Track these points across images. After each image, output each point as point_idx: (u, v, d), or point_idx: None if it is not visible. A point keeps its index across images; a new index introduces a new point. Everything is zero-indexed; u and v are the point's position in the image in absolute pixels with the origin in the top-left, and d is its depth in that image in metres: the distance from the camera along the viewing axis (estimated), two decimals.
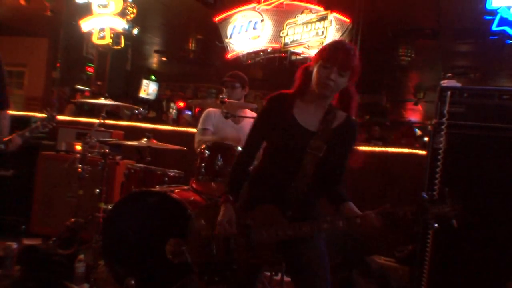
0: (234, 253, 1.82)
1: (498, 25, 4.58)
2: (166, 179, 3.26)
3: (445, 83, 2.85)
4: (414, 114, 13.64)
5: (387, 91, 11.33)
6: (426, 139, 3.63)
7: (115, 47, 6.36)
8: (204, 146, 3.03)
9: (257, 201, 1.83)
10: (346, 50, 1.76)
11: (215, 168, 2.90)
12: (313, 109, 1.84)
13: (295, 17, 5.20)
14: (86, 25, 6.14)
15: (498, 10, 4.57)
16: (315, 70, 1.78)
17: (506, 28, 4.56)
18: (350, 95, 1.85)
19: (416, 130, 11.56)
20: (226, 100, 2.95)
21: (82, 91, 8.68)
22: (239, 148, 2.95)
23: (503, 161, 2.56)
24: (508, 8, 4.55)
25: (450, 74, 8.13)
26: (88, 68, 8.52)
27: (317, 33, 5.01)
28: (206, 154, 2.96)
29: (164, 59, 11.02)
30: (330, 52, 1.76)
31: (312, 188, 1.79)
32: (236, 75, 3.41)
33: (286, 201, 1.78)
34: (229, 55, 5.73)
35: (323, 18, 5.01)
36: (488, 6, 4.62)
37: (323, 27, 4.99)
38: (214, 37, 5.98)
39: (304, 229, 1.72)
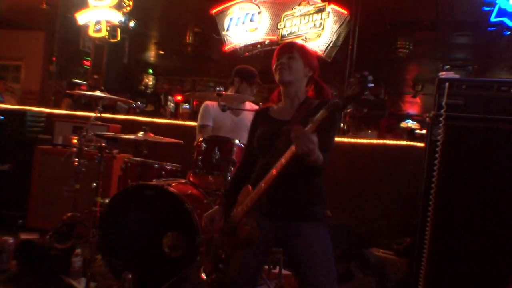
0: (223, 248, 1.91)
1: (496, 16, 4.56)
2: (163, 172, 3.24)
3: (443, 74, 2.82)
4: (412, 107, 13.64)
5: (385, 83, 11.30)
6: (424, 131, 3.63)
7: (112, 40, 6.31)
8: (201, 139, 3.01)
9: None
10: (287, 43, 2.04)
11: (212, 161, 2.88)
12: (289, 105, 1.97)
13: (292, 9, 5.18)
14: (82, 18, 6.10)
15: (496, 1, 4.55)
16: (274, 73, 1.97)
17: (505, 19, 4.54)
18: (320, 86, 1.99)
19: (410, 121, 11.54)
20: (223, 92, 2.92)
21: (79, 85, 8.64)
22: (237, 141, 2.94)
23: (502, 153, 2.55)
24: None
25: (448, 66, 8.12)
26: (84, 62, 8.47)
27: (314, 25, 4.99)
28: (203, 147, 2.94)
29: (161, 52, 10.97)
30: (277, 51, 2.00)
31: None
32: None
33: (258, 179, 1.82)
34: (226, 48, 5.70)
35: (320, 10, 4.98)
36: None
37: (321, 19, 4.96)
38: (212, 30, 5.94)
39: (262, 185, 1.75)
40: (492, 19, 4.54)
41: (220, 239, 1.94)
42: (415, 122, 11.74)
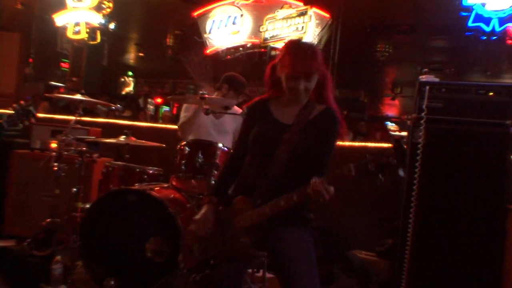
0: (212, 250, 1.85)
1: (473, 21, 4.68)
2: (145, 176, 3.20)
3: (423, 78, 2.87)
4: (391, 109, 13.83)
5: (365, 86, 11.44)
6: (405, 133, 3.68)
7: (91, 42, 6.23)
8: (184, 143, 2.99)
9: (235, 196, 1.88)
10: (306, 56, 1.77)
11: (195, 165, 2.86)
12: (290, 104, 1.87)
13: (274, 12, 5.20)
14: (60, 19, 6.00)
15: (473, 7, 4.66)
16: (282, 79, 1.80)
17: (481, 25, 4.66)
18: (323, 85, 1.86)
19: (389, 123, 11.74)
20: (206, 96, 2.91)
21: (57, 87, 8.49)
22: (220, 145, 2.93)
23: (480, 155, 2.60)
24: (483, 5, 4.66)
25: (426, 70, 8.28)
26: (62, 64, 8.32)
27: (297, 28, 5.02)
28: (186, 151, 2.92)
29: (141, 54, 10.86)
30: (292, 62, 1.77)
31: (286, 178, 1.77)
32: None
33: (257, 190, 1.80)
34: (208, 51, 5.68)
35: (302, 13, 5.02)
36: (464, 3, 4.72)
37: (303, 22, 5.00)
38: (193, 33, 5.92)
39: (266, 211, 1.72)
40: (470, 24, 4.65)
41: (209, 242, 1.86)
42: (394, 124, 11.91)
